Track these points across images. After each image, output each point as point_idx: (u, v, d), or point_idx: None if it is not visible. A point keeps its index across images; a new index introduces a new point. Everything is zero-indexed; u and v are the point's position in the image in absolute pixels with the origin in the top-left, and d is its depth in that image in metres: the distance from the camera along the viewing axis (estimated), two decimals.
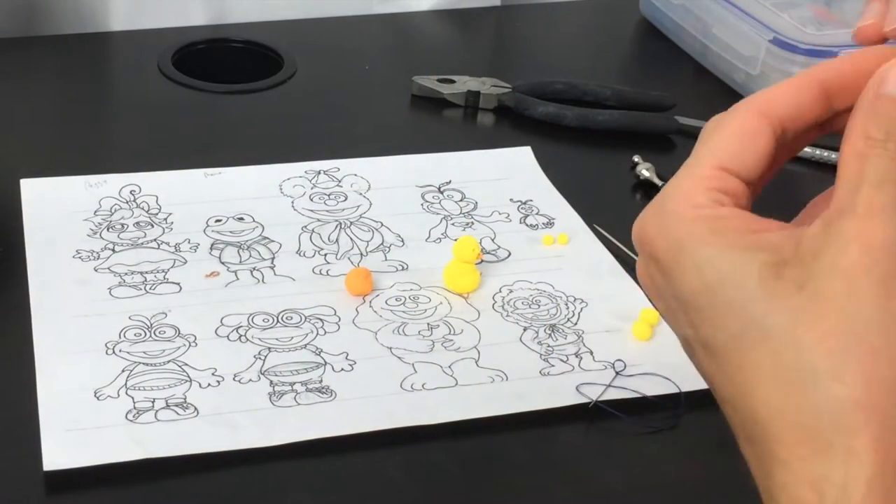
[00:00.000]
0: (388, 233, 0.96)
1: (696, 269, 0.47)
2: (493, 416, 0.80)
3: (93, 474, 0.73)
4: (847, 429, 0.44)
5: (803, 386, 0.44)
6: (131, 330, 0.84)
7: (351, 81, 1.21)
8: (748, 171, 0.49)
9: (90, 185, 0.98)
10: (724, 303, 0.46)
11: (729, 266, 0.46)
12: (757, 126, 0.49)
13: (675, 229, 0.48)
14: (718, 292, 0.46)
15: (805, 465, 0.45)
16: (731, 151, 0.49)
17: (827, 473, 0.44)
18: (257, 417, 0.78)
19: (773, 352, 0.45)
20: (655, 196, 0.50)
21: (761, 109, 0.49)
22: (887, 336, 0.44)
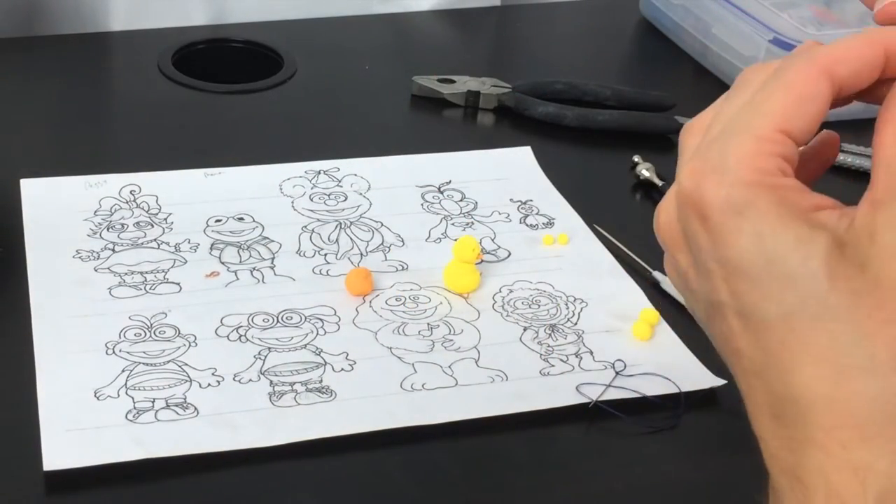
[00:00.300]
0: (388, 233, 0.96)
1: (756, 236, 0.45)
2: (493, 416, 0.80)
3: (93, 474, 0.73)
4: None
5: (859, 373, 0.43)
6: (131, 330, 0.84)
7: (351, 81, 1.21)
8: (804, 136, 0.47)
9: (90, 185, 0.98)
10: (783, 275, 0.45)
11: (794, 239, 0.45)
12: (821, 89, 0.46)
13: (736, 192, 0.46)
14: (778, 264, 0.45)
15: (846, 452, 0.44)
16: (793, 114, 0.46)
17: (872, 462, 0.43)
18: (257, 417, 0.78)
19: (829, 333, 0.44)
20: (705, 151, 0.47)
21: (827, 69, 0.46)
22: None
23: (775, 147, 0.46)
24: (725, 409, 0.82)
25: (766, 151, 0.46)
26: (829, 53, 0.46)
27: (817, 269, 0.44)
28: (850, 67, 0.46)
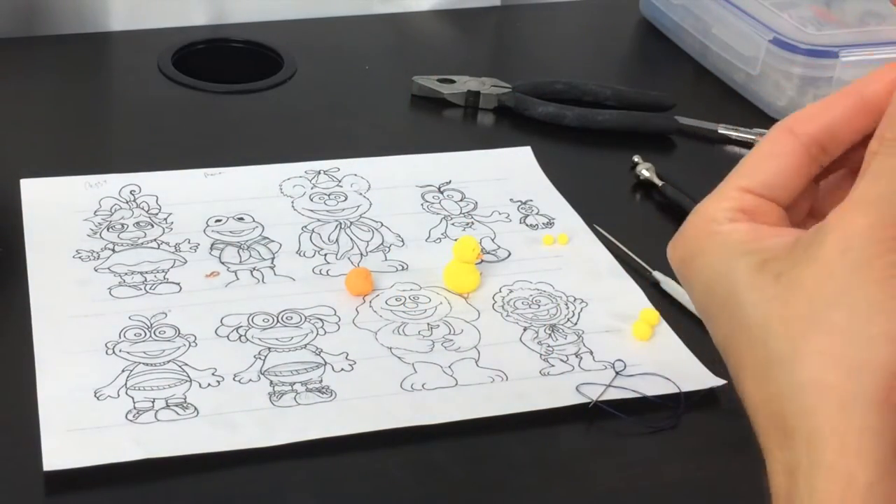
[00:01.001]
0: (388, 233, 0.96)
1: (699, 276, 0.49)
2: (493, 416, 0.80)
3: (93, 474, 0.73)
4: (806, 411, 0.44)
5: (772, 373, 0.45)
6: (131, 330, 0.84)
7: (351, 81, 1.21)
8: (773, 191, 0.50)
9: (90, 185, 0.98)
10: (718, 303, 0.48)
11: (724, 268, 0.48)
12: (784, 145, 0.50)
13: (690, 244, 0.50)
14: (714, 293, 0.48)
15: (781, 453, 0.45)
16: (753, 171, 0.50)
17: (797, 460, 0.44)
18: (257, 417, 0.78)
19: (748, 343, 0.46)
20: None
21: (790, 127, 0.50)
22: (850, 314, 0.43)
23: (730, 202, 0.50)
24: (725, 409, 0.82)
25: (720, 207, 0.50)
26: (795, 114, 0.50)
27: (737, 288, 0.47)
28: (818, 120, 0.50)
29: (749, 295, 0.47)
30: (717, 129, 1.15)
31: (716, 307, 0.49)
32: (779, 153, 0.50)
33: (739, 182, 0.50)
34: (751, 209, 0.50)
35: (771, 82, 1.18)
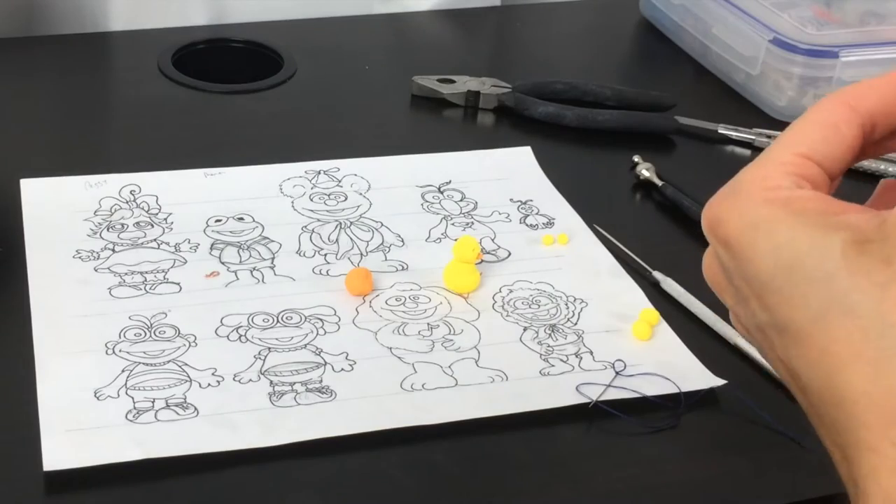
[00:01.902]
0: (388, 233, 0.96)
1: (773, 249, 0.46)
2: (493, 416, 0.80)
3: (93, 474, 0.73)
4: None
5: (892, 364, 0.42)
6: (131, 330, 0.84)
7: (351, 81, 1.21)
8: (831, 162, 0.48)
9: (90, 185, 0.98)
10: (804, 280, 0.45)
11: (809, 243, 0.45)
12: (845, 117, 0.48)
13: (749, 210, 0.47)
14: (798, 270, 0.45)
15: None
16: (814, 140, 0.48)
17: None
18: (257, 417, 0.78)
19: (859, 329, 0.43)
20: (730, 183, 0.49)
21: (850, 101, 0.48)
22: None
23: (790, 168, 0.47)
24: (725, 409, 0.82)
25: (779, 172, 0.47)
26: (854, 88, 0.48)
27: (835, 270, 0.44)
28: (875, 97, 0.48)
29: (854, 278, 0.43)
30: (717, 129, 1.15)
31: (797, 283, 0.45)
32: (836, 123, 0.48)
33: (797, 148, 0.48)
34: (811, 176, 0.48)
35: (771, 82, 1.18)
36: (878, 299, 0.43)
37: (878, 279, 0.43)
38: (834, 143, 0.48)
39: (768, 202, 0.46)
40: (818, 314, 0.44)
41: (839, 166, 0.49)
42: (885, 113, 0.48)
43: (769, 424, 0.81)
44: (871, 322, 0.43)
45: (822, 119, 0.48)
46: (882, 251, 0.43)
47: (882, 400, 0.42)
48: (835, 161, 0.48)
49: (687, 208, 1.02)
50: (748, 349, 0.86)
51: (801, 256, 0.45)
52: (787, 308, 0.46)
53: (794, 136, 0.48)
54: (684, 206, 1.02)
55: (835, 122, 0.48)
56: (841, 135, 0.48)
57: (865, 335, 0.43)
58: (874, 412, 0.43)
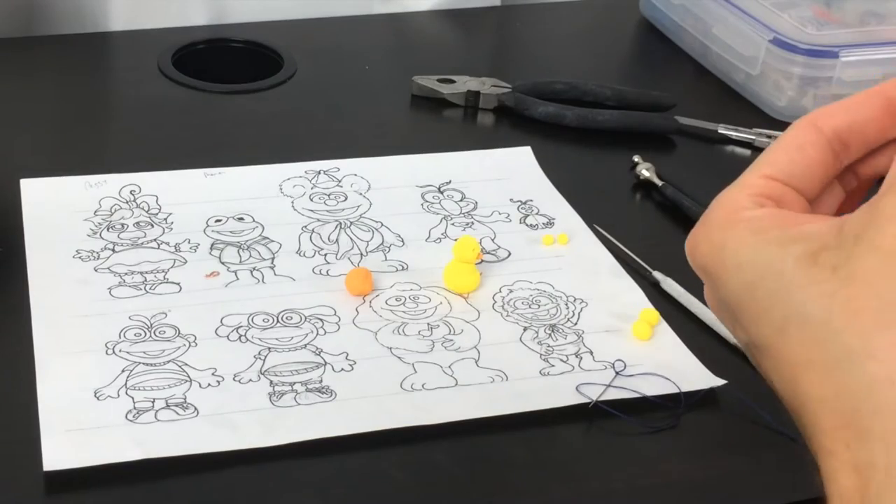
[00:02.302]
0: (388, 233, 0.96)
1: (736, 268, 0.48)
2: (493, 416, 0.80)
3: (93, 474, 0.73)
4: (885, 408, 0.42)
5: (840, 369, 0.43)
6: (131, 330, 0.84)
7: (351, 81, 1.21)
8: (800, 182, 0.50)
9: (90, 185, 0.98)
10: (765, 296, 0.46)
11: (766, 260, 0.47)
12: (807, 137, 0.50)
13: (716, 234, 0.49)
14: (759, 287, 0.47)
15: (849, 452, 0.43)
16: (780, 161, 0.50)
17: (871, 459, 0.43)
18: (257, 417, 0.78)
19: (811, 339, 0.45)
20: None
21: (816, 122, 0.50)
22: None
23: (754, 189, 0.49)
24: (725, 409, 0.82)
25: (744, 194, 0.49)
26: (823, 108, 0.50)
27: (790, 282, 0.45)
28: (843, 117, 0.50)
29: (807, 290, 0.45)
30: (717, 129, 1.15)
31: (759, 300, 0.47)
32: (801, 144, 0.50)
33: (762, 170, 0.50)
34: (777, 196, 0.49)
35: (771, 82, 1.18)
36: (826, 308, 0.44)
37: (827, 289, 0.44)
38: (801, 164, 0.50)
39: (731, 224, 0.48)
40: (780, 327, 0.46)
41: (812, 185, 0.50)
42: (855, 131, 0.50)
43: (769, 424, 0.81)
44: (820, 330, 0.44)
45: (789, 142, 0.50)
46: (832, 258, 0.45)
47: (833, 404, 0.44)
48: (805, 180, 0.50)
49: (687, 208, 1.02)
50: None
51: (761, 273, 0.47)
52: (755, 325, 0.47)
53: (762, 160, 0.50)
54: (684, 206, 1.02)
55: (800, 144, 0.50)
56: (807, 155, 0.50)
57: (817, 343, 0.44)
58: (827, 416, 0.44)
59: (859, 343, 0.43)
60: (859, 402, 0.43)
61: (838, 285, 0.44)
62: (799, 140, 0.50)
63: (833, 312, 0.44)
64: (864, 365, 0.43)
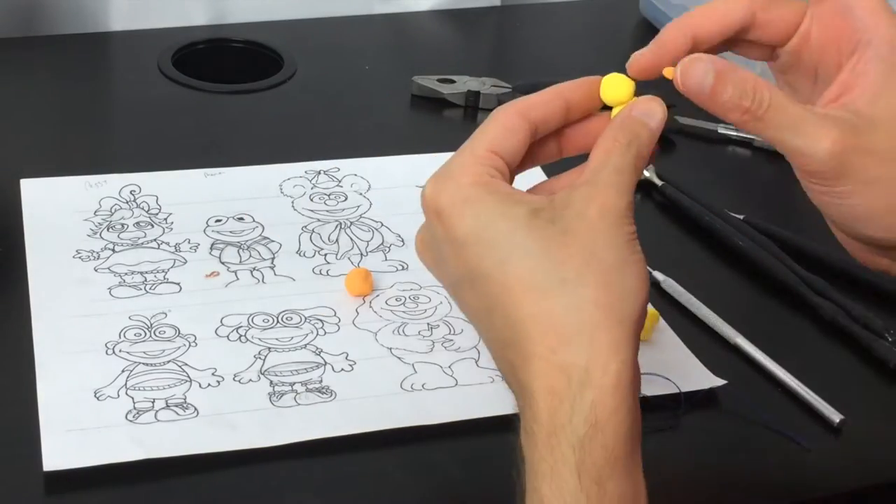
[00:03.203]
0: (388, 233, 0.96)
1: (474, 216, 0.60)
2: (492, 416, 0.80)
3: (93, 474, 0.73)
4: (589, 322, 0.58)
5: (555, 292, 0.58)
6: (131, 330, 0.84)
7: (351, 81, 1.21)
8: (509, 155, 0.63)
9: (90, 186, 0.98)
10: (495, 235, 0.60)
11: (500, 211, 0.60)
12: (517, 124, 0.63)
13: (460, 189, 0.61)
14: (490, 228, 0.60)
15: (556, 355, 0.58)
16: (498, 138, 0.62)
17: (573, 360, 0.57)
18: (257, 417, 0.78)
19: (531, 268, 0.59)
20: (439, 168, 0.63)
21: (522, 111, 0.63)
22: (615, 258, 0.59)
23: (486, 160, 0.62)
24: (725, 409, 0.82)
25: (479, 163, 0.62)
26: (524, 101, 0.64)
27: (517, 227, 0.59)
28: (540, 111, 0.64)
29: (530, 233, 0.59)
30: (717, 129, 1.15)
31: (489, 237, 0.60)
32: (512, 127, 0.63)
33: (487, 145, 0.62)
34: (499, 166, 0.62)
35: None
36: (545, 247, 0.59)
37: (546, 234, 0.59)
38: (511, 142, 0.63)
39: (474, 184, 0.61)
40: (502, 258, 0.59)
41: (515, 160, 0.63)
42: (544, 121, 0.64)
43: (769, 424, 0.81)
44: (539, 262, 0.59)
45: (504, 125, 0.63)
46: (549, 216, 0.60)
47: (546, 318, 0.58)
48: (511, 155, 0.63)
49: (687, 208, 1.02)
50: (748, 349, 0.86)
51: (494, 219, 0.60)
52: (478, 258, 0.60)
53: (484, 135, 0.63)
54: (684, 206, 1.02)
55: (511, 127, 0.63)
56: (516, 137, 0.63)
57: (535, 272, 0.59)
58: (538, 328, 0.58)
59: (574, 275, 0.58)
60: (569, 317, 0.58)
61: (555, 233, 0.59)
62: (510, 124, 0.63)
63: (550, 250, 0.59)
64: (576, 290, 0.58)
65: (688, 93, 0.66)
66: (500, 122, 0.63)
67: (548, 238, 0.59)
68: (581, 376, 0.57)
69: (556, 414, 0.57)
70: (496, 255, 0.60)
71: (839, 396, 0.83)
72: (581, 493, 0.57)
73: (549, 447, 0.58)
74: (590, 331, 0.58)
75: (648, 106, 0.66)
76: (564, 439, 0.57)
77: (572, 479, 0.57)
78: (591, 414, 0.57)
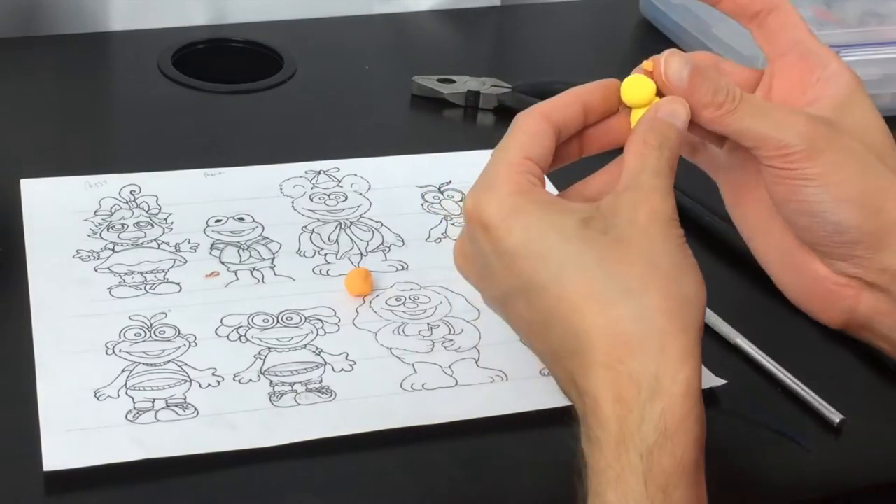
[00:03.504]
0: (388, 233, 0.96)
1: (523, 228, 0.61)
2: (493, 416, 0.80)
3: (93, 474, 0.73)
4: (657, 331, 0.59)
5: (619, 302, 0.59)
6: (131, 330, 0.84)
7: (351, 81, 1.21)
8: (541, 160, 0.65)
9: (90, 186, 0.98)
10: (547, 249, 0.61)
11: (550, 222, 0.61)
12: (545, 128, 0.65)
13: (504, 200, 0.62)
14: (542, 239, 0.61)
15: (623, 365, 0.58)
16: (529, 144, 0.64)
17: (643, 369, 0.58)
18: (257, 417, 0.78)
19: (590, 279, 0.60)
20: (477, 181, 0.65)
21: (545, 115, 0.65)
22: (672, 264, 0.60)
23: (523, 167, 0.64)
24: (725, 409, 0.82)
25: (516, 171, 0.63)
26: (546, 104, 0.66)
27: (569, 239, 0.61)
28: (561, 115, 0.66)
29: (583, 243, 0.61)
30: None
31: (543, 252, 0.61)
32: (543, 134, 0.65)
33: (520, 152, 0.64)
34: (536, 172, 0.64)
35: None
36: (601, 258, 0.60)
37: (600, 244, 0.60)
38: (541, 148, 0.64)
39: (516, 193, 0.62)
40: (558, 271, 0.60)
41: (546, 164, 0.65)
42: (566, 124, 0.66)
43: (769, 424, 0.81)
44: (599, 273, 0.60)
45: (530, 129, 0.65)
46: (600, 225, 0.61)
47: (609, 328, 0.59)
48: (543, 160, 0.65)
49: (687, 209, 1.02)
50: (748, 349, 0.86)
51: (544, 231, 0.61)
52: (532, 270, 0.61)
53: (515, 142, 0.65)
54: (685, 206, 1.02)
55: (538, 131, 0.65)
56: (545, 141, 0.65)
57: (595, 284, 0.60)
58: (603, 338, 0.59)
59: (637, 285, 0.59)
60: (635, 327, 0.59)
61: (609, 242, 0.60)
62: (537, 129, 0.65)
63: (608, 261, 0.60)
64: (640, 300, 0.59)
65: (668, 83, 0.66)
66: (528, 127, 0.65)
67: (603, 248, 0.60)
68: (651, 385, 0.58)
69: (625, 422, 0.58)
70: (551, 268, 0.61)
71: (839, 396, 0.83)
72: (647, 500, 0.58)
73: (616, 454, 0.58)
74: (658, 339, 0.59)
75: (672, 107, 0.66)
76: (633, 447, 0.58)
77: (639, 487, 0.58)
78: (660, 422, 0.58)
